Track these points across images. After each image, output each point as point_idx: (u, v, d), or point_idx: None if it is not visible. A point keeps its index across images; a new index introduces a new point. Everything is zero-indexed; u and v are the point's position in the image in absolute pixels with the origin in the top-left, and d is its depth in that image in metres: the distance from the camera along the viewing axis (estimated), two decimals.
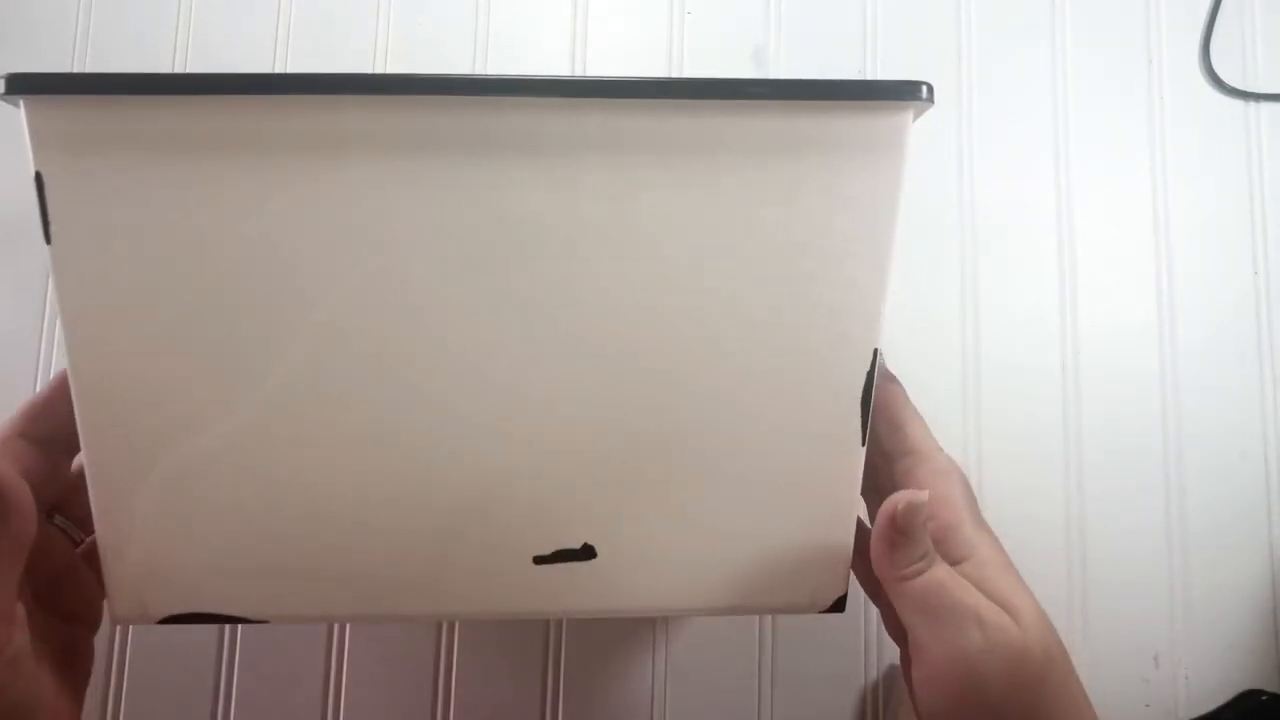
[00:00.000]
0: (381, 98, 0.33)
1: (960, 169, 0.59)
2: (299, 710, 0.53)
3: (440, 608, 0.37)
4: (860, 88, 0.34)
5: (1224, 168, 0.60)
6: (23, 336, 0.54)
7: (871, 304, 0.35)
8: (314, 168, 0.33)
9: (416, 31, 0.59)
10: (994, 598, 0.31)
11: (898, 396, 0.37)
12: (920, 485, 0.34)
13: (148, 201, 0.32)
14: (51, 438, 0.33)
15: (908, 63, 0.60)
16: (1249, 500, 0.57)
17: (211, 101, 0.32)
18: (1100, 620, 0.55)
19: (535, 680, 0.53)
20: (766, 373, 0.35)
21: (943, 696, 0.30)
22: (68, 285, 0.32)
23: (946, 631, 0.30)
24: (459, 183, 0.33)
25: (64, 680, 0.31)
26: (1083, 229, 0.58)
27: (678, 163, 0.33)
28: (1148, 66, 0.60)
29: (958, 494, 0.35)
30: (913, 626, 0.32)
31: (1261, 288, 0.59)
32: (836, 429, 0.36)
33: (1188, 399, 0.57)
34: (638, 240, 0.34)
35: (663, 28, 0.59)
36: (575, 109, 0.33)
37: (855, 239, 0.34)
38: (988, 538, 0.34)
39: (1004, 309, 0.58)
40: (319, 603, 0.37)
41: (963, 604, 0.31)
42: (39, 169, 0.31)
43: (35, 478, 0.31)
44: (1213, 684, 0.55)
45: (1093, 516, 0.56)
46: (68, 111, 0.31)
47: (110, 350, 0.33)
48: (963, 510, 0.34)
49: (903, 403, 0.37)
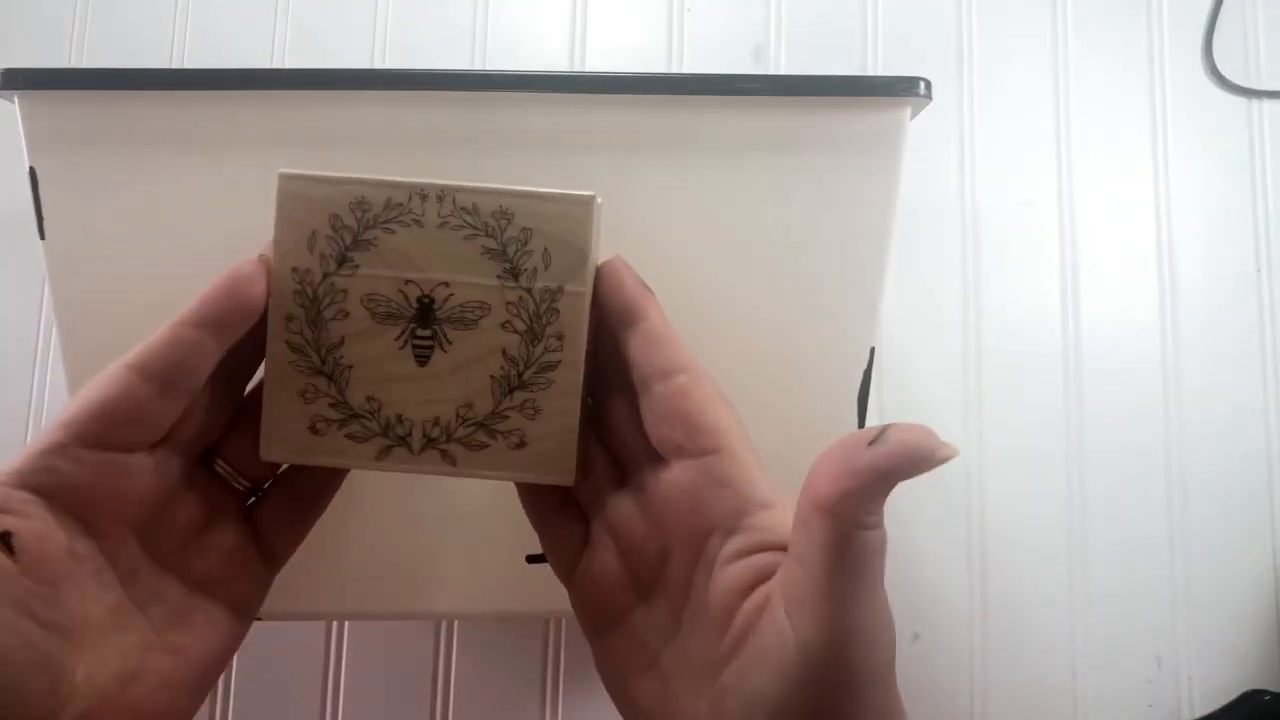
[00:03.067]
0: (380, 93, 0.33)
1: (961, 167, 0.58)
2: (298, 710, 0.52)
3: (437, 607, 0.37)
4: (857, 84, 0.34)
5: (1226, 165, 0.59)
6: (21, 333, 0.54)
7: (869, 301, 0.35)
8: (313, 162, 0.32)
9: (415, 26, 0.59)
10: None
11: (657, 307, 0.29)
12: (698, 407, 0.27)
13: (142, 196, 0.32)
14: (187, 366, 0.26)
15: (908, 61, 0.59)
16: (1251, 501, 0.57)
17: (206, 97, 0.32)
18: (1102, 621, 0.55)
19: (535, 680, 0.53)
20: (762, 369, 0.35)
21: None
22: (62, 280, 0.32)
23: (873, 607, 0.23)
24: (457, 178, 0.33)
25: (151, 652, 0.26)
26: (1084, 227, 0.58)
27: (674, 159, 0.33)
28: (1149, 64, 0.60)
29: (735, 421, 0.28)
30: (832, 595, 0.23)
31: (1264, 285, 0.58)
32: (833, 428, 0.36)
33: (1189, 398, 0.57)
34: (634, 237, 0.34)
35: (662, 25, 0.59)
36: (574, 105, 0.33)
37: (853, 236, 0.34)
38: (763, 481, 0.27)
39: (1005, 308, 0.57)
40: (317, 601, 0.37)
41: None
42: (33, 164, 0.31)
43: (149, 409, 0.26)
44: (1215, 684, 0.55)
45: (1094, 517, 0.56)
46: (62, 107, 0.31)
47: (105, 344, 0.33)
48: (745, 440, 0.28)
49: (664, 317, 0.29)
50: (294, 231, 0.27)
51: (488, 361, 0.28)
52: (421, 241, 0.27)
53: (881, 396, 0.55)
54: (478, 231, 0.27)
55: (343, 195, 0.27)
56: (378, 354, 0.27)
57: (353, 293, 0.27)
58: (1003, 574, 0.55)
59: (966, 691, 0.54)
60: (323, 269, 0.27)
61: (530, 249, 0.27)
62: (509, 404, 0.28)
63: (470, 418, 0.28)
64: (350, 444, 0.28)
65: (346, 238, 0.27)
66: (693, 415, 0.27)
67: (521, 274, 0.27)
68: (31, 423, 0.54)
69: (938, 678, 0.54)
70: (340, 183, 0.27)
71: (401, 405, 0.28)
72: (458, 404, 0.28)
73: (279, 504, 0.30)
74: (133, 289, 0.33)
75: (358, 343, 0.27)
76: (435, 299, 0.27)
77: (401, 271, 0.27)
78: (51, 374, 0.54)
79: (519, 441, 0.28)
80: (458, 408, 0.28)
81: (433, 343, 0.27)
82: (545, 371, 0.28)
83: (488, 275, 0.27)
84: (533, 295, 0.27)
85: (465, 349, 0.27)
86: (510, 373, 0.28)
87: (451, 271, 0.27)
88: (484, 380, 0.28)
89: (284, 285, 0.27)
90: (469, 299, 0.27)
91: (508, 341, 0.27)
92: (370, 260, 0.27)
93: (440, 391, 0.28)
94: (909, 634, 0.54)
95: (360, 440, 0.28)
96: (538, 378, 0.28)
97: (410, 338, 0.27)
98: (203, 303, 0.26)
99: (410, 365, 0.27)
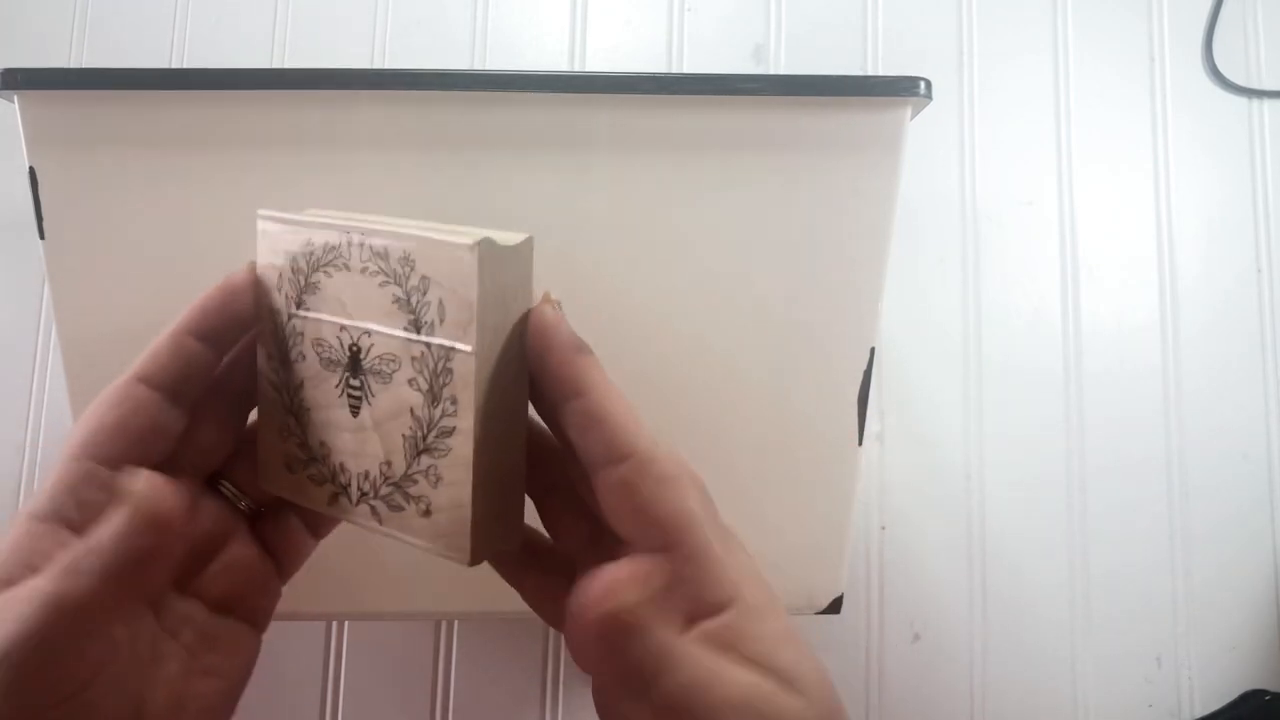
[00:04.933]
0: (380, 93, 0.33)
1: (962, 167, 0.58)
2: (299, 710, 0.52)
3: (437, 607, 0.37)
4: (857, 84, 0.34)
5: (1227, 165, 0.59)
6: (21, 333, 0.54)
7: (869, 301, 0.35)
8: (311, 163, 0.33)
9: (415, 26, 0.59)
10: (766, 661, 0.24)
11: (593, 375, 0.25)
12: (645, 502, 0.24)
13: (142, 196, 0.32)
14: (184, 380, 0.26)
15: (908, 61, 0.59)
16: (1252, 501, 0.57)
17: (206, 97, 0.32)
18: (1103, 621, 0.55)
19: (535, 680, 0.53)
20: (762, 370, 0.35)
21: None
22: (62, 280, 0.32)
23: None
24: (457, 177, 0.33)
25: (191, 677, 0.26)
26: (1084, 227, 0.58)
27: (674, 158, 0.33)
28: (1150, 64, 0.60)
29: (695, 506, 0.24)
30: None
31: (1265, 286, 0.58)
32: (832, 429, 0.36)
33: (1190, 400, 0.57)
34: (634, 237, 0.34)
35: (662, 25, 0.59)
36: (574, 105, 0.33)
37: (853, 236, 0.34)
38: (742, 566, 0.25)
39: (1005, 308, 0.57)
40: (317, 601, 0.37)
41: (730, 701, 0.23)
42: (33, 164, 0.31)
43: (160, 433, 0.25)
44: (1216, 685, 0.55)
45: (1095, 517, 0.56)
46: (62, 107, 0.31)
47: (105, 343, 0.33)
48: (706, 530, 0.24)
49: (604, 387, 0.25)
50: (269, 270, 0.26)
51: (400, 419, 0.25)
52: (349, 287, 0.25)
53: (881, 396, 0.55)
54: (389, 279, 0.25)
55: (295, 237, 0.26)
56: (325, 400, 0.26)
57: (307, 335, 0.26)
58: (1003, 574, 0.55)
59: (966, 691, 0.54)
60: (287, 309, 0.26)
61: (428, 299, 0.24)
62: (417, 467, 0.25)
63: (390, 476, 0.26)
64: (311, 485, 0.27)
65: (301, 280, 0.26)
66: (641, 510, 0.24)
67: (423, 326, 0.24)
68: (31, 422, 0.54)
69: (938, 678, 0.54)
70: (295, 224, 0.26)
71: (342, 454, 0.27)
72: (379, 460, 0.26)
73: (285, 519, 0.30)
74: (132, 288, 0.33)
75: (311, 386, 0.26)
76: (361, 348, 0.25)
77: (338, 317, 0.26)
78: (51, 374, 0.54)
79: (425, 509, 0.26)
80: (380, 464, 0.26)
81: (361, 393, 0.26)
82: (443, 437, 0.25)
83: (397, 326, 0.25)
84: (431, 351, 0.24)
85: (383, 403, 0.26)
86: (417, 434, 0.25)
87: (372, 319, 0.25)
88: (398, 439, 0.26)
89: (264, 323, 0.27)
90: (384, 350, 0.25)
91: (414, 400, 0.25)
92: (316, 304, 0.26)
93: (368, 444, 0.26)
94: (909, 634, 0.54)
95: (317, 484, 0.27)
96: (438, 443, 0.25)
97: (345, 386, 0.26)
98: (202, 313, 0.26)
99: (346, 414, 0.26)
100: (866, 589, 0.54)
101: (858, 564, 0.54)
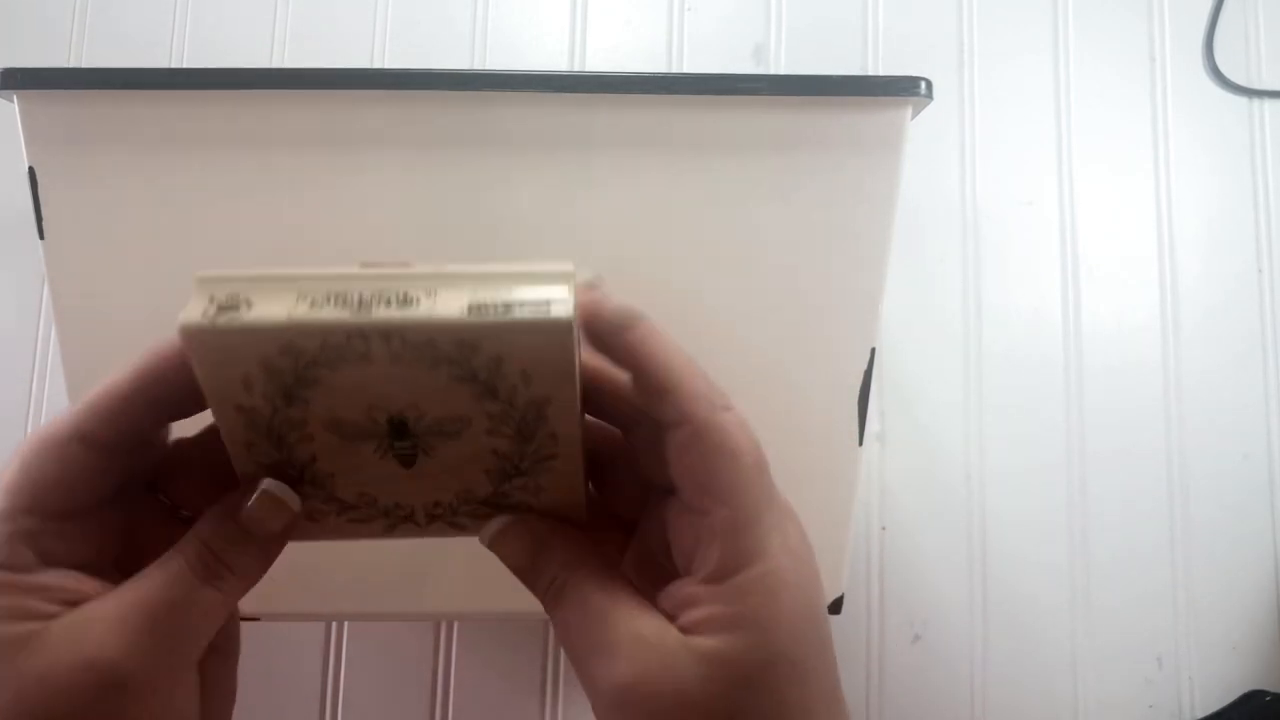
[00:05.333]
0: (380, 93, 0.33)
1: (962, 167, 0.58)
2: (299, 710, 0.52)
3: (437, 607, 0.37)
4: (858, 84, 0.34)
5: (1228, 165, 0.59)
6: (21, 333, 0.54)
7: (869, 301, 0.35)
8: (311, 162, 0.33)
9: (415, 26, 0.59)
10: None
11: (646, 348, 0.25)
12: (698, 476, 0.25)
13: (141, 196, 0.32)
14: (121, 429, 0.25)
15: (908, 61, 0.59)
16: (1252, 502, 0.57)
17: (206, 97, 0.32)
18: (1103, 621, 0.55)
19: (535, 680, 0.53)
20: (763, 369, 0.35)
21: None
22: (62, 280, 0.32)
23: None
24: (458, 177, 0.33)
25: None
26: (1085, 227, 0.58)
27: (674, 158, 0.33)
28: (1150, 63, 0.60)
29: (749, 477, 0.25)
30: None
31: (1266, 286, 0.58)
32: (833, 429, 0.36)
33: (1190, 399, 0.57)
34: (633, 237, 0.34)
35: (662, 25, 0.59)
36: (574, 105, 0.33)
37: (853, 235, 0.34)
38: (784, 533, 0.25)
39: (1005, 308, 0.57)
40: (317, 601, 0.37)
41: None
42: (32, 164, 0.31)
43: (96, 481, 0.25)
44: (1216, 685, 0.55)
45: (1095, 517, 0.56)
46: (62, 107, 0.31)
47: (105, 343, 0.33)
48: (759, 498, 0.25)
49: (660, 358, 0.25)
50: (222, 379, 0.23)
51: (480, 460, 0.25)
52: (377, 377, 0.23)
53: (882, 396, 0.55)
54: (440, 361, 0.23)
55: (263, 343, 0.22)
56: (357, 464, 0.25)
57: (313, 420, 0.24)
58: (1003, 574, 0.55)
59: (966, 691, 0.54)
60: (270, 406, 0.23)
61: (505, 372, 0.23)
62: (509, 486, 0.26)
63: (471, 497, 0.26)
64: (355, 526, 0.27)
65: (287, 378, 0.23)
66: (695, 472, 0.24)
67: (500, 392, 0.23)
68: (31, 423, 0.54)
69: (938, 678, 0.54)
70: (254, 332, 0.22)
71: (396, 496, 0.26)
72: (455, 491, 0.26)
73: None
74: (132, 288, 0.33)
75: (330, 457, 0.25)
76: (407, 419, 0.24)
77: (361, 401, 0.23)
78: (51, 373, 0.54)
79: (526, 508, 0.26)
80: (456, 493, 0.26)
81: (415, 449, 0.25)
82: (543, 461, 0.25)
83: (461, 396, 0.23)
84: (516, 407, 0.24)
85: (451, 453, 0.25)
86: (505, 466, 0.25)
87: (419, 396, 0.23)
88: (478, 474, 0.25)
89: (232, 422, 0.24)
90: (445, 415, 0.24)
91: (497, 444, 0.24)
92: (321, 395, 0.23)
93: (433, 484, 0.25)
94: (909, 634, 0.54)
95: (363, 522, 0.27)
96: (536, 466, 0.25)
97: (389, 449, 0.25)
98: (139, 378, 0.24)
99: (395, 467, 0.25)
100: (867, 589, 0.54)
101: (858, 564, 0.54)
